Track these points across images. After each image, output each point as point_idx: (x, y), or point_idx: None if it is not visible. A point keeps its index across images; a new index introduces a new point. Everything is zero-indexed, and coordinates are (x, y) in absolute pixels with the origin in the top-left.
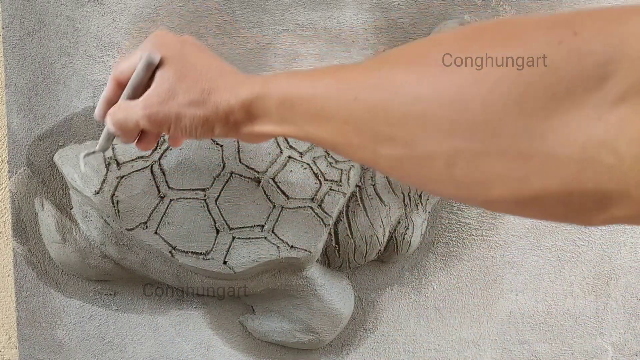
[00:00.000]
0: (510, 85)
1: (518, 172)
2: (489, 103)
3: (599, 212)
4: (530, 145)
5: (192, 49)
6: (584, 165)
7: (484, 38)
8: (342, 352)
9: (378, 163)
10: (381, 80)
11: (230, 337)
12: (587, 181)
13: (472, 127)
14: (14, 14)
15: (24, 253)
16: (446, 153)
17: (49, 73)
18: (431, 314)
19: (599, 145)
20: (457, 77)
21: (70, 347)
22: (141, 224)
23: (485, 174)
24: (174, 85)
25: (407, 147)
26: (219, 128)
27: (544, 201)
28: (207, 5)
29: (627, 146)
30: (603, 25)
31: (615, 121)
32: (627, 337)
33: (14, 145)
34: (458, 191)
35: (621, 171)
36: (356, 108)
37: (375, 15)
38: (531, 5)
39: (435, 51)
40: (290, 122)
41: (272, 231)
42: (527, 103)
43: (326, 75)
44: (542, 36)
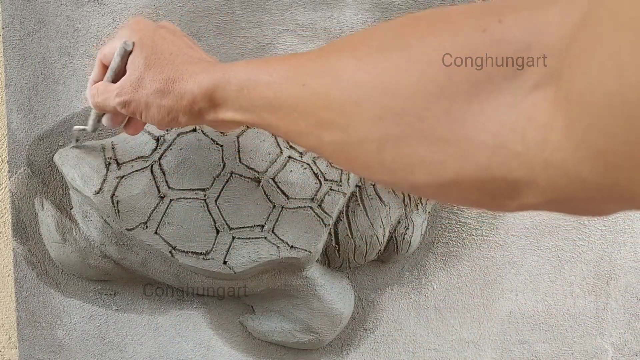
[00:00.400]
0: (437, 71)
1: (438, 156)
2: (416, 89)
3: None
4: (449, 130)
5: (164, 35)
6: (495, 151)
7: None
8: (342, 352)
9: (322, 149)
10: (326, 66)
11: (230, 337)
12: (498, 168)
13: (400, 112)
14: (14, 14)
15: (24, 253)
16: (377, 138)
17: (49, 73)
18: (431, 314)
19: (510, 132)
20: (391, 63)
21: (70, 347)
22: (141, 224)
23: (409, 158)
24: (142, 74)
25: (345, 132)
26: (184, 117)
27: (460, 186)
28: (207, 5)
29: (533, 133)
30: (526, 14)
31: (527, 109)
32: (627, 337)
33: (14, 145)
34: (388, 176)
35: (527, 159)
36: (303, 94)
37: (375, 15)
38: None
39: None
40: (249, 109)
41: (272, 231)
42: (450, 89)
43: (280, 62)
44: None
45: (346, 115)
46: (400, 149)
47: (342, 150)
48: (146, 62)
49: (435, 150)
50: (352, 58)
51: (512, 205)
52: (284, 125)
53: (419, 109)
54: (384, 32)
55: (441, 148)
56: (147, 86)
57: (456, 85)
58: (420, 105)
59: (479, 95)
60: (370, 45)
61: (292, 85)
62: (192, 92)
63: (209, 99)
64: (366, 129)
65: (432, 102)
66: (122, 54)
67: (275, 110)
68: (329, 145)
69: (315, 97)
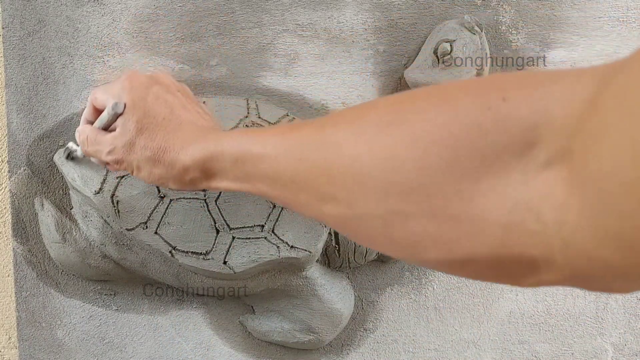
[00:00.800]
0: (442, 148)
1: (449, 235)
2: (421, 166)
3: (527, 276)
4: (460, 208)
5: (158, 94)
6: (510, 230)
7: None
8: (342, 352)
9: (325, 221)
10: (323, 141)
11: (230, 337)
12: (513, 246)
13: (406, 189)
14: (14, 14)
15: (24, 253)
16: (383, 214)
17: (49, 73)
18: (431, 314)
19: (525, 210)
20: (392, 139)
21: (70, 347)
22: (141, 224)
23: (419, 235)
24: (133, 139)
25: (347, 206)
26: (174, 185)
27: (474, 264)
28: (207, 5)
29: (550, 212)
30: (530, 92)
31: (540, 187)
32: (627, 337)
33: (14, 145)
34: (397, 251)
35: (545, 237)
36: (301, 167)
37: (375, 15)
38: (531, 5)
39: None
40: (244, 180)
41: (272, 231)
42: (457, 166)
43: (275, 134)
44: (472, 101)
45: (348, 190)
46: (409, 226)
47: (345, 224)
48: (137, 127)
49: (446, 228)
50: (350, 133)
51: (527, 282)
52: (282, 196)
53: (425, 186)
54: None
55: (452, 226)
56: (138, 152)
57: (463, 162)
58: (427, 181)
59: (488, 173)
60: (367, 120)
61: (288, 159)
62: (183, 163)
63: (201, 170)
64: (370, 204)
65: (440, 178)
66: (112, 114)
67: (272, 182)
68: (331, 218)
69: (315, 170)
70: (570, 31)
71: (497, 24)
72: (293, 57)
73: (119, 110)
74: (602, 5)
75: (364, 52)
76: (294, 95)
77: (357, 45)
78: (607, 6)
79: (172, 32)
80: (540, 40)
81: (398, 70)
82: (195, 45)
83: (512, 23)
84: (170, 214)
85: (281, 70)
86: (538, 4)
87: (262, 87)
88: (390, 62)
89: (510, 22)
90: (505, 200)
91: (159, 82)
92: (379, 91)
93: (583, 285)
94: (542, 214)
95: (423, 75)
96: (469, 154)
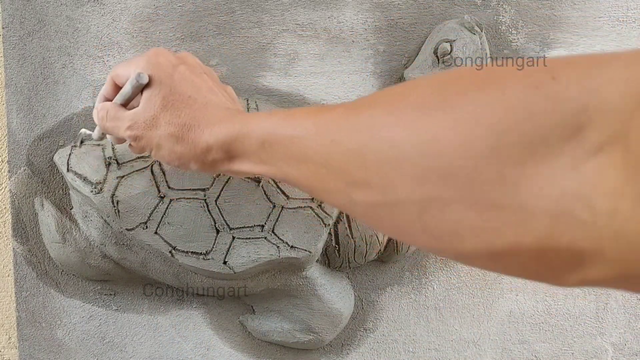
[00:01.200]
0: (486, 131)
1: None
2: (463, 149)
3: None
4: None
5: (184, 74)
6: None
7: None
8: (342, 352)
9: (354, 209)
10: (358, 123)
11: (230, 337)
12: (560, 237)
13: (445, 174)
14: (14, 14)
15: (24, 253)
16: (419, 200)
17: (49, 73)
18: (431, 314)
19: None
20: (433, 122)
21: (70, 347)
22: (141, 224)
23: (457, 223)
24: (158, 114)
25: (381, 193)
26: (195, 165)
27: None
28: (207, 5)
29: (602, 201)
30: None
31: (591, 173)
32: (627, 337)
33: (14, 145)
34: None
35: (595, 228)
36: (333, 151)
37: (375, 15)
38: (531, 5)
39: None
40: (269, 162)
41: (272, 231)
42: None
43: (305, 116)
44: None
45: (383, 175)
46: (447, 213)
47: (376, 212)
48: (163, 103)
49: (488, 216)
50: (388, 114)
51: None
52: (309, 180)
53: (467, 170)
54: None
55: (494, 214)
56: (162, 128)
57: (508, 147)
58: (469, 167)
59: (534, 157)
60: (407, 102)
61: (320, 141)
62: (207, 142)
63: (224, 151)
64: (406, 190)
65: (482, 164)
66: (135, 85)
67: (300, 166)
68: (361, 206)
69: (348, 154)
70: (570, 31)
71: (497, 24)
72: (293, 57)
73: (143, 81)
74: (602, 5)
75: (364, 52)
76: (294, 95)
77: (357, 45)
78: (607, 6)
79: (172, 32)
80: (540, 40)
81: (398, 70)
82: (195, 45)
83: (512, 23)
84: (170, 214)
85: (281, 70)
86: (538, 4)
87: (262, 87)
88: (390, 62)
89: (510, 22)
90: (553, 187)
91: (186, 62)
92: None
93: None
94: (593, 203)
95: (423, 75)
96: (515, 137)
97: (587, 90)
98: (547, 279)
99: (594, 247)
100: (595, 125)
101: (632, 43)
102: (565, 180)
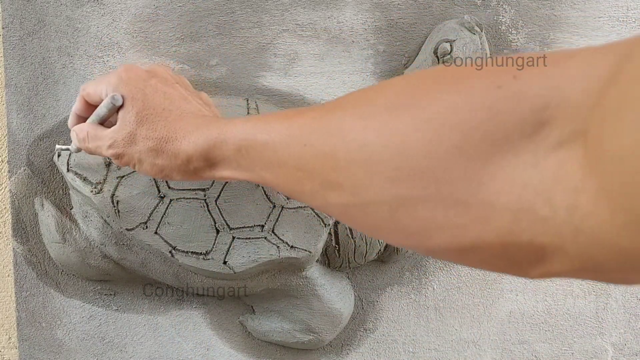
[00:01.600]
0: (452, 130)
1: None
2: (430, 149)
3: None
4: (468, 192)
5: (156, 86)
6: (519, 215)
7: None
8: (342, 352)
9: (330, 210)
10: (330, 126)
11: (230, 337)
12: (521, 233)
13: (414, 174)
14: (14, 14)
15: (24, 253)
16: (389, 200)
17: (49, 73)
18: (431, 314)
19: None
20: (401, 123)
21: (70, 347)
22: (141, 224)
23: (425, 221)
24: (134, 130)
25: (353, 194)
26: (178, 175)
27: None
28: (207, 5)
29: (562, 196)
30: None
31: (552, 169)
32: (627, 337)
33: (14, 145)
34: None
35: (555, 224)
36: (306, 154)
37: (375, 15)
38: (531, 5)
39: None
40: (247, 168)
41: (272, 231)
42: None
43: (279, 120)
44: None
45: (354, 177)
46: (416, 212)
47: (350, 212)
48: (137, 118)
49: (454, 213)
50: (358, 117)
51: (535, 272)
52: (286, 184)
53: (435, 170)
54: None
55: (460, 211)
56: (140, 143)
57: (473, 145)
58: (436, 166)
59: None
60: (376, 104)
61: (293, 145)
62: (186, 152)
63: (204, 159)
64: (377, 190)
65: (449, 162)
66: (110, 108)
67: (276, 170)
68: (336, 207)
69: (321, 157)
70: (570, 31)
71: (497, 24)
72: (293, 57)
73: (118, 103)
74: (602, 5)
75: (364, 52)
76: (294, 95)
77: (357, 45)
78: (607, 6)
79: (172, 32)
80: (540, 40)
81: (398, 70)
82: (195, 45)
83: (512, 23)
84: (170, 214)
85: (281, 70)
86: (538, 4)
87: (262, 87)
88: (390, 62)
89: (510, 22)
90: (515, 183)
91: (156, 74)
92: None
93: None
94: (553, 198)
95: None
96: (479, 136)
97: (547, 88)
98: (511, 271)
99: (554, 242)
100: (556, 122)
101: None
102: (527, 177)
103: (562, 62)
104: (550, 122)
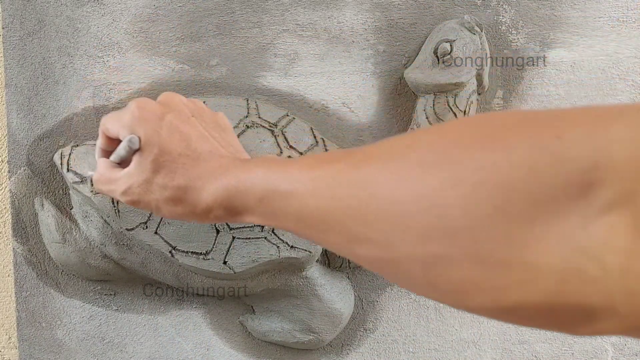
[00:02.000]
0: (491, 190)
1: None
2: (468, 208)
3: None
4: (510, 253)
5: (171, 125)
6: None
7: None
8: (342, 352)
9: (358, 261)
10: (358, 180)
11: (230, 337)
12: (570, 294)
13: (450, 233)
14: (14, 14)
15: (24, 253)
16: (423, 258)
17: (49, 73)
18: (431, 314)
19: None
20: (436, 180)
21: (70, 347)
22: (141, 224)
23: (463, 281)
24: (150, 178)
25: (384, 249)
26: (200, 221)
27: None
28: (207, 5)
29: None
30: (587, 130)
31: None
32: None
33: (14, 145)
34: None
35: (606, 284)
36: (332, 207)
37: (375, 15)
38: (531, 5)
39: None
40: (272, 217)
41: (272, 231)
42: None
43: (302, 170)
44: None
45: (385, 233)
46: (452, 271)
47: (380, 266)
48: (154, 166)
49: (494, 274)
50: (388, 172)
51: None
52: (311, 234)
53: (473, 229)
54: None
55: (501, 272)
56: (157, 192)
57: (515, 206)
58: (475, 225)
59: (542, 216)
60: (408, 159)
61: (318, 197)
62: (206, 203)
63: (224, 208)
64: (408, 248)
65: (487, 223)
66: (128, 150)
67: (300, 221)
68: (365, 260)
69: (348, 211)
70: (570, 31)
71: (497, 24)
72: (293, 57)
73: (135, 147)
74: (602, 5)
75: (364, 52)
76: (294, 95)
77: (357, 45)
78: (607, 6)
79: (172, 32)
80: (540, 40)
81: (398, 70)
82: (195, 45)
83: (512, 23)
84: None
85: (281, 70)
86: (538, 4)
87: (262, 87)
88: (390, 62)
89: (510, 22)
90: (562, 245)
91: (170, 108)
92: (379, 91)
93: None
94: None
95: (423, 75)
96: (521, 197)
97: (594, 149)
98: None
99: (605, 303)
100: (604, 184)
101: (632, 43)
102: (575, 239)
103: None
104: (598, 184)
